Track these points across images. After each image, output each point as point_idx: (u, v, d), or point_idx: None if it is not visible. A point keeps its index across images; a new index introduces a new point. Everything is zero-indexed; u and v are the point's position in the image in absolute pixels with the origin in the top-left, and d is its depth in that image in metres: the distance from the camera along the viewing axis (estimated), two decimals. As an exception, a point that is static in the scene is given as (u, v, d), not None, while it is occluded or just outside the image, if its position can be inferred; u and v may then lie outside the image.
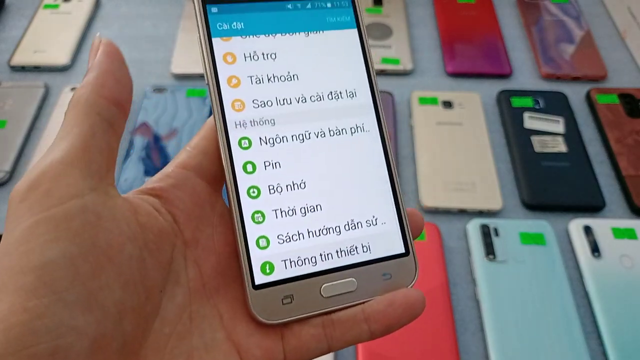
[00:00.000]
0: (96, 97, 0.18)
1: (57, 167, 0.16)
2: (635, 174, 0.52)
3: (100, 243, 0.16)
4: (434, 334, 0.41)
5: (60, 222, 0.16)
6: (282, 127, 0.21)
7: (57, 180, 0.16)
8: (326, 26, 0.22)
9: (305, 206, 0.21)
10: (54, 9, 0.68)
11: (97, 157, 0.17)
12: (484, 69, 0.62)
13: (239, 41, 0.21)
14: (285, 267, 0.20)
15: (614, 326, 0.42)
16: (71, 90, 0.59)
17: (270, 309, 0.19)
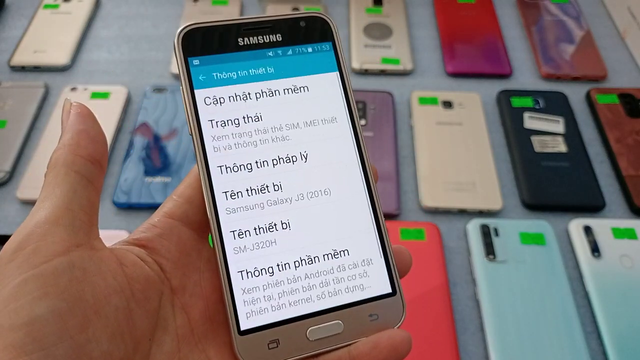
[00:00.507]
0: (73, 157, 0.19)
1: (42, 227, 0.17)
2: (635, 174, 0.52)
3: (87, 297, 0.17)
4: (434, 334, 0.41)
5: (48, 278, 0.16)
6: (264, 171, 0.21)
7: (43, 239, 0.17)
8: (308, 71, 0.22)
9: (291, 250, 0.21)
10: (54, 9, 0.68)
11: (79, 213, 0.18)
12: (484, 69, 0.62)
13: (221, 90, 0.21)
14: (271, 311, 0.20)
15: (614, 326, 0.42)
16: (71, 90, 0.59)
17: (256, 354, 0.19)
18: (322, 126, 0.22)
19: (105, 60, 0.64)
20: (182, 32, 0.21)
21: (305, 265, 0.21)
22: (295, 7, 0.68)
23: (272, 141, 0.21)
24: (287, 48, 0.22)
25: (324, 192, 0.22)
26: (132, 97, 0.60)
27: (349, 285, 0.21)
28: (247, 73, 0.22)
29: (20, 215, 0.50)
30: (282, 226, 0.21)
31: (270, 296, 0.20)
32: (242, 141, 0.21)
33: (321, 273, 0.21)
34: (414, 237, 0.47)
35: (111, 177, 0.53)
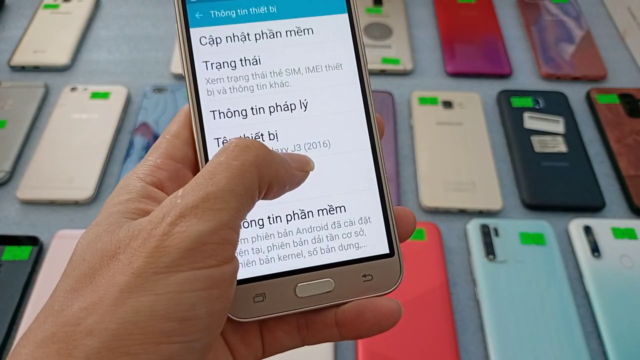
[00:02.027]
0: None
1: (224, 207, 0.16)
2: (635, 174, 0.52)
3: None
4: (434, 334, 0.41)
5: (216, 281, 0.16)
6: (259, 119, 0.20)
7: (221, 242, 0.16)
8: (314, 12, 0.21)
9: (283, 203, 0.20)
10: (54, 9, 0.68)
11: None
12: (484, 69, 0.62)
13: (218, 30, 0.20)
14: (258, 264, 0.19)
15: (614, 326, 0.42)
16: (71, 90, 0.59)
17: (241, 306, 0.19)
18: (325, 73, 0.21)
19: (105, 60, 0.64)
20: None
21: (298, 220, 0.20)
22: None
23: (269, 87, 0.20)
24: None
25: (322, 144, 0.20)
26: (132, 97, 0.60)
27: (343, 243, 0.20)
28: (247, 12, 0.20)
29: (20, 215, 0.50)
30: None
31: (258, 249, 0.19)
32: (238, 85, 0.20)
33: (314, 229, 0.20)
34: (414, 237, 0.47)
35: (111, 177, 0.52)
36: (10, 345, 0.41)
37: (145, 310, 0.14)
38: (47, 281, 0.44)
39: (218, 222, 0.15)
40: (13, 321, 0.43)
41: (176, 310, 0.15)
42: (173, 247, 0.15)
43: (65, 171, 0.52)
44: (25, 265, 0.45)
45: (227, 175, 0.16)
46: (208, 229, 0.15)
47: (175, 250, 0.15)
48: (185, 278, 0.15)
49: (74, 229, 0.48)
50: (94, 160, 0.53)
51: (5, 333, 0.42)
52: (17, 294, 0.44)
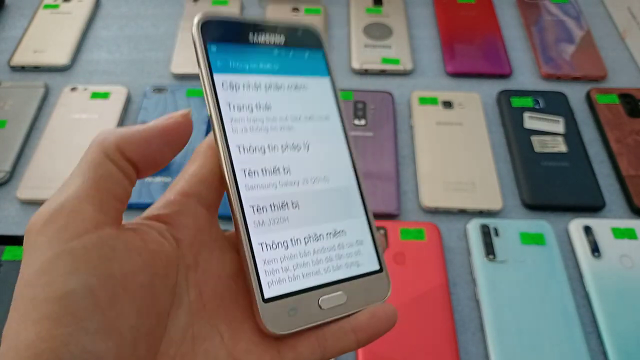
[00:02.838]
0: (114, 148, 0.19)
1: (72, 203, 0.18)
2: (635, 174, 0.52)
3: (115, 274, 0.17)
4: (434, 334, 0.41)
5: (79, 255, 0.17)
6: (275, 155, 0.23)
7: (73, 215, 0.17)
8: (306, 73, 0.25)
9: (300, 227, 0.23)
10: (54, 9, 0.68)
11: (110, 198, 0.19)
12: (484, 69, 0.62)
13: (236, 77, 0.23)
14: (288, 281, 0.21)
15: (614, 326, 0.42)
16: (71, 90, 0.59)
17: (279, 320, 0.20)
18: (318, 122, 0.25)
19: (105, 60, 0.64)
20: (201, 20, 0.23)
21: (313, 242, 0.23)
22: (295, 7, 0.68)
23: (280, 129, 0.23)
24: (289, 49, 0.25)
25: (323, 179, 0.24)
26: (132, 97, 0.60)
27: (347, 261, 0.23)
28: (257, 66, 0.24)
29: (20, 215, 0.50)
30: (292, 205, 0.23)
31: (287, 268, 0.22)
32: (256, 126, 0.23)
33: (326, 249, 0.23)
34: (414, 237, 0.47)
35: (111, 177, 0.52)
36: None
37: (26, 299, 0.16)
38: (47, 281, 0.44)
39: (61, 199, 0.18)
40: (13, 321, 0.43)
41: (50, 291, 0.16)
42: (31, 237, 0.17)
43: (65, 171, 0.52)
44: (25, 265, 0.45)
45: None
46: (54, 205, 0.17)
47: (32, 237, 0.17)
48: (48, 259, 0.16)
49: (74, 229, 0.48)
50: (94, 160, 0.53)
51: (5, 333, 0.42)
52: (17, 294, 0.44)
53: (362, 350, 0.41)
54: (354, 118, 0.56)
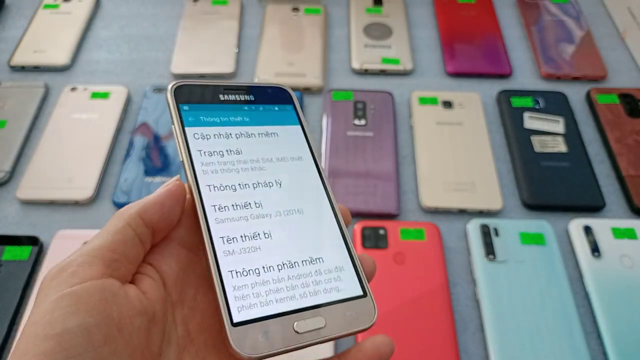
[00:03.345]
0: (135, 216, 0.22)
1: (84, 258, 0.20)
2: (635, 174, 0.52)
3: (113, 315, 0.19)
4: (434, 334, 0.41)
5: (81, 297, 0.18)
6: (246, 192, 0.25)
7: (83, 267, 0.19)
8: (277, 123, 0.28)
9: (273, 256, 0.24)
10: (54, 9, 0.68)
11: (121, 259, 0.21)
12: (484, 69, 0.62)
13: (207, 129, 0.25)
14: (260, 306, 0.22)
15: (614, 326, 0.42)
16: (71, 90, 0.59)
17: (249, 343, 0.21)
18: (291, 162, 0.27)
19: (105, 60, 0.64)
20: (174, 86, 0.25)
21: (287, 269, 0.24)
22: (295, 7, 0.68)
23: (251, 170, 0.25)
24: (259, 106, 0.27)
25: (297, 211, 0.25)
26: (132, 97, 0.60)
27: (326, 287, 0.24)
28: (227, 119, 0.26)
29: (20, 215, 0.50)
30: (264, 236, 0.24)
31: (258, 293, 0.22)
32: (227, 167, 0.25)
33: (301, 276, 0.24)
34: (414, 237, 0.47)
35: (111, 177, 0.53)
36: (10, 345, 0.41)
37: (29, 336, 0.18)
38: (47, 281, 0.44)
39: (75, 256, 0.20)
40: (13, 321, 0.43)
41: (50, 329, 0.17)
42: (44, 284, 0.19)
43: (65, 171, 0.52)
44: (25, 265, 0.45)
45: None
46: (67, 260, 0.20)
47: (45, 284, 0.19)
48: (53, 300, 0.18)
49: (74, 229, 0.48)
50: (94, 160, 0.53)
51: (5, 333, 0.42)
52: (17, 294, 0.44)
53: (362, 350, 0.41)
54: (354, 118, 0.56)
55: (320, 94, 0.60)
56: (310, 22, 0.66)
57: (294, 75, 0.60)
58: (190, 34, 0.65)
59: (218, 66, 0.62)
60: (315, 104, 0.59)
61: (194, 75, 0.61)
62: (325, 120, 0.56)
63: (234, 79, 0.62)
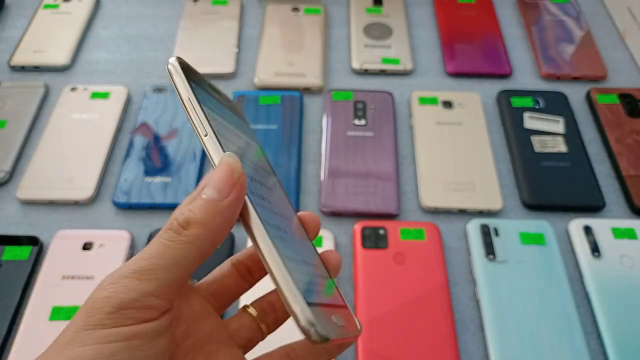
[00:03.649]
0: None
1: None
2: (635, 174, 0.52)
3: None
4: (434, 334, 0.41)
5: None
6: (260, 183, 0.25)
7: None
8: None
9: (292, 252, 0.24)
10: (54, 9, 0.68)
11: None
12: (484, 69, 0.62)
13: (212, 112, 0.25)
14: (308, 294, 0.21)
15: (614, 326, 0.42)
16: (71, 90, 0.59)
17: (322, 322, 0.20)
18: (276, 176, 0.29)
19: (105, 60, 0.64)
20: (178, 59, 0.25)
21: (304, 265, 0.24)
22: (295, 7, 0.68)
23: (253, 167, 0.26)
24: (233, 114, 0.27)
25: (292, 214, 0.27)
26: (132, 97, 0.60)
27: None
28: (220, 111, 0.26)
29: (20, 215, 0.50)
30: (284, 227, 0.24)
31: (302, 280, 0.21)
32: (240, 149, 0.25)
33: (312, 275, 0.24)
34: (414, 237, 0.47)
35: (111, 177, 0.53)
36: (10, 345, 0.41)
37: (76, 357, 0.18)
38: (47, 281, 0.44)
39: (141, 291, 0.19)
40: (13, 321, 0.43)
41: (99, 356, 0.18)
42: (99, 310, 0.19)
43: (65, 171, 0.52)
44: (25, 265, 0.45)
45: (159, 251, 0.20)
46: (130, 297, 0.19)
47: (101, 312, 0.19)
48: (108, 333, 0.19)
49: (74, 229, 0.48)
50: (94, 160, 0.53)
51: (5, 333, 0.42)
52: (17, 294, 0.44)
53: (361, 349, 0.41)
54: (354, 118, 0.56)
55: (320, 94, 0.60)
56: (310, 22, 0.66)
57: (294, 75, 0.60)
58: (190, 34, 0.65)
59: (218, 66, 0.62)
60: (315, 104, 0.59)
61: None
62: (325, 120, 0.56)
63: (234, 79, 0.62)
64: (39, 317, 0.42)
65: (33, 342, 0.41)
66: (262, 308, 0.26)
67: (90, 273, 0.44)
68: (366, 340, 0.41)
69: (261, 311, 0.26)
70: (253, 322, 0.26)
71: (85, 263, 0.45)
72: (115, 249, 0.46)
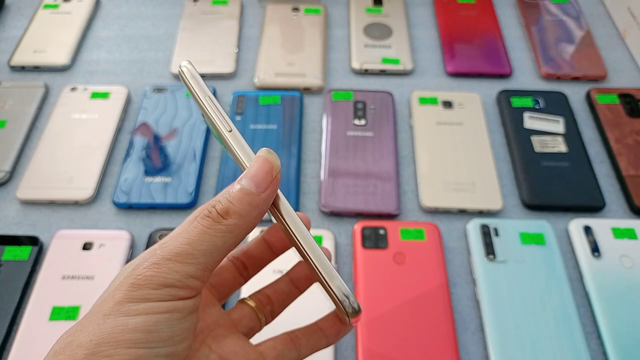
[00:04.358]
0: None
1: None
2: (635, 174, 0.52)
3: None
4: (434, 334, 0.41)
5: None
6: None
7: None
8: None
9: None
10: (54, 9, 0.68)
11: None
12: (484, 69, 0.62)
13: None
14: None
15: (614, 326, 0.42)
16: (71, 90, 0.59)
17: (355, 299, 0.24)
18: None
19: (105, 60, 0.64)
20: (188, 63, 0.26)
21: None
22: (295, 7, 0.68)
23: None
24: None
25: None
26: (132, 97, 0.60)
27: None
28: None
29: (20, 215, 0.50)
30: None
31: None
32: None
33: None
34: (414, 237, 0.47)
35: (111, 177, 0.53)
36: (10, 345, 0.41)
37: (119, 325, 0.20)
38: (47, 281, 0.44)
39: (184, 273, 0.21)
40: (13, 321, 0.43)
41: (143, 325, 0.20)
42: (144, 286, 0.21)
43: (65, 171, 0.52)
44: (25, 265, 0.45)
45: (199, 238, 0.22)
46: (174, 278, 0.21)
47: (146, 288, 0.21)
48: (151, 305, 0.20)
49: (74, 229, 0.48)
50: (94, 160, 0.53)
51: (5, 333, 0.42)
52: (17, 294, 0.44)
53: (361, 349, 0.41)
54: (354, 118, 0.56)
55: (320, 94, 0.60)
56: (310, 22, 0.66)
57: (294, 75, 0.60)
58: (190, 34, 0.65)
59: (218, 66, 0.62)
60: (315, 104, 0.59)
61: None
62: (325, 120, 0.56)
63: (234, 79, 0.62)
64: (39, 317, 0.42)
65: (33, 342, 0.41)
66: (260, 300, 0.28)
67: (90, 273, 0.44)
68: (366, 340, 0.41)
69: (259, 303, 0.28)
70: (252, 312, 0.28)
71: (85, 263, 0.45)
72: (115, 249, 0.46)
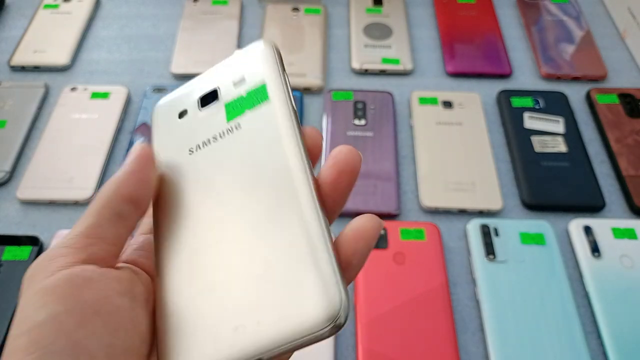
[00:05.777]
0: (112, 195, 0.21)
1: (57, 249, 0.20)
2: (635, 174, 0.52)
3: (85, 299, 0.19)
4: (434, 334, 0.41)
5: (48, 289, 0.19)
6: None
7: (55, 259, 0.20)
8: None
9: None
10: (54, 9, 0.68)
11: (97, 242, 0.21)
12: (484, 69, 0.62)
13: None
14: None
15: (614, 326, 0.42)
16: (71, 90, 0.59)
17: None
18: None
19: (105, 60, 0.64)
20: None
21: None
22: (295, 7, 0.68)
23: None
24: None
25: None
26: (132, 97, 0.60)
27: None
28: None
29: (20, 215, 0.50)
30: None
31: None
32: None
33: None
34: (414, 237, 0.47)
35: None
36: (10, 345, 0.42)
37: (8, 337, 0.19)
38: (47, 281, 0.44)
39: (48, 251, 0.20)
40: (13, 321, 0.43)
41: (22, 325, 0.19)
42: (23, 283, 0.20)
43: (65, 171, 0.52)
44: (25, 265, 0.45)
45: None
46: (42, 256, 0.20)
47: (23, 284, 0.20)
48: (26, 298, 0.19)
49: (74, 229, 0.48)
50: (94, 160, 0.53)
51: (5, 333, 0.42)
52: (17, 294, 0.44)
53: (361, 349, 0.41)
54: (354, 118, 0.56)
55: (320, 94, 0.60)
56: (310, 22, 0.66)
57: (294, 75, 0.60)
58: (190, 34, 0.65)
59: (218, 66, 0.62)
60: (315, 104, 0.59)
61: (194, 75, 0.61)
62: (325, 120, 0.56)
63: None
64: (39, 317, 0.42)
65: (33, 342, 0.41)
66: None
67: (90, 273, 0.45)
68: (366, 340, 0.41)
69: None
70: None
71: (85, 263, 0.45)
72: (115, 249, 0.46)
